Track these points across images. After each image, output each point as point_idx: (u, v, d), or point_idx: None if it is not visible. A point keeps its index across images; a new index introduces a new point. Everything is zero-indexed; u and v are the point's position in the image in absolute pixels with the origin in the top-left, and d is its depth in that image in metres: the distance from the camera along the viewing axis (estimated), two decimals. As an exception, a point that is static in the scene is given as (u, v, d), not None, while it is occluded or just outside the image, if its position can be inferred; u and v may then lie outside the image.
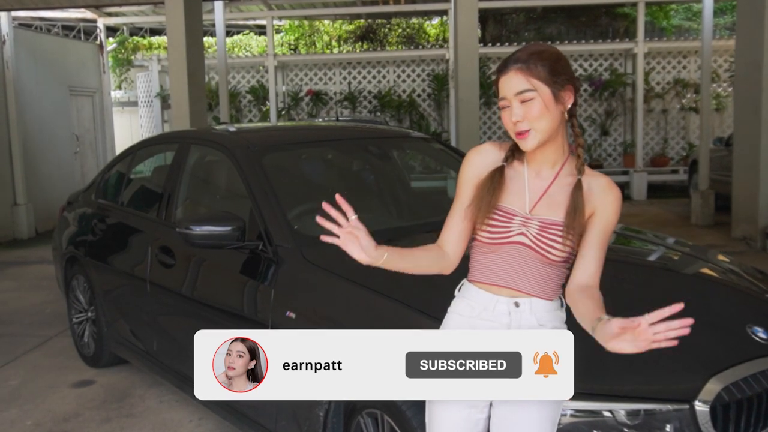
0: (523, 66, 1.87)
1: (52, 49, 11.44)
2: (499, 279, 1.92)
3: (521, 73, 1.87)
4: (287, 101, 14.10)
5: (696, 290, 3.04)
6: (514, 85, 1.87)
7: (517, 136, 1.89)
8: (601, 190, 1.91)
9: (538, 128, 1.86)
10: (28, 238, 10.17)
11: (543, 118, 1.86)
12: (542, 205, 1.92)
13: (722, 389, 2.20)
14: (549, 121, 1.87)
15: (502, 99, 1.91)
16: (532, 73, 1.86)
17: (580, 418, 2.12)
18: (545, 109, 1.86)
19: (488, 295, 1.93)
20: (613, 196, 1.92)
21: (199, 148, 4.19)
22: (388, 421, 2.46)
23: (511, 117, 1.88)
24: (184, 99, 8.08)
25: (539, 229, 1.89)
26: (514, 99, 1.87)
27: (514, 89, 1.87)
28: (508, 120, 1.90)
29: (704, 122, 10.16)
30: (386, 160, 4.35)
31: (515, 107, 1.87)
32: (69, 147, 11.55)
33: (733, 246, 8.05)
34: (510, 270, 1.91)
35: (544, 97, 1.86)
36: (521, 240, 1.89)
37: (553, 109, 1.87)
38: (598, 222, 1.90)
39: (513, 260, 1.90)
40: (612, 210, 1.91)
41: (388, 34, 16.30)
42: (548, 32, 15.31)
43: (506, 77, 1.89)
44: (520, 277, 1.90)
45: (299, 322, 2.89)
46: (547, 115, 1.86)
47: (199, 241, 3.20)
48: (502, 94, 1.90)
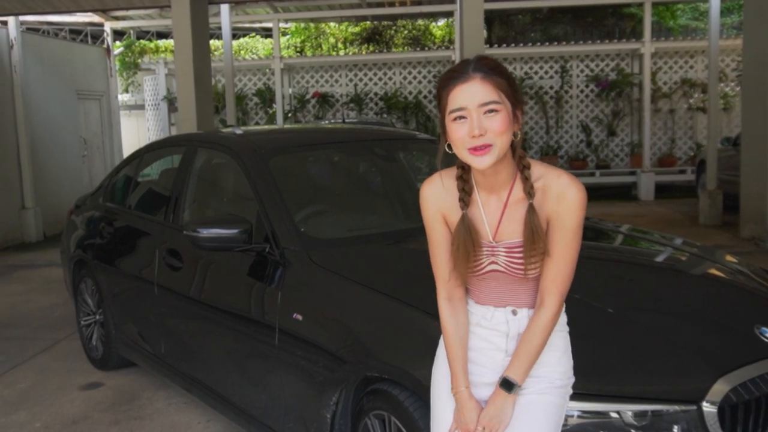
0: (487, 75, 1.74)
1: (60, 53, 11.49)
2: (490, 300, 1.91)
3: (487, 82, 1.74)
4: (293, 103, 14.12)
5: (704, 291, 3.04)
6: (478, 94, 1.72)
7: (472, 152, 1.74)
8: (558, 192, 1.79)
9: (499, 144, 1.73)
10: (37, 241, 10.21)
11: (505, 134, 1.74)
12: (503, 229, 1.84)
13: (730, 390, 2.19)
14: (508, 138, 1.75)
15: (458, 110, 1.75)
16: (497, 84, 1.74)
17: (587, 419, 2.12)
18: (507, 124, 1.74)
19: (485, 307, 1.93)
20: (570, 198, 1.78)
21: (206, 151, 4.21)
22: (395, 423, 2.46)
23: (471, 130, 1.72)
24: (191, 102, 8.10)
25: (506, 254, 1.83)
26: (477, 110, 1.72)
27: (478, 99, 1.72)
28: (463, 134, 1.73)
29: (712, 122, 10.13)
30: (393, 162, 4.35)
31: (476, 119, 1.72)
32: (76, 150, 11.59)
33: (742, 246, 8.02)
34: (497, 292, 1.90)
35: (507, 112, 1.75)
36: (495, 268, 1.86)
37: (511, 127, 1.76)
38: (556, 225, 1.80)
39: (497, 284, 1.89)
40: (571, 213, 1.78)
41: (394, 36, 16.32)
42: (554, 33, 15.30)
43: (467, 85, 1.73)
44: (509, 295, 1.89)
45: (306, 324, 2.89)
46: (507, 131, 1.74)
47: (207, 244, 3.22)
48: (459, 104, 1.74)
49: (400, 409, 2.43)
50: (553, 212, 1.80)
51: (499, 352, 1.91)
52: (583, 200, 1.80)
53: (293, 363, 2.91)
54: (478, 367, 1.93)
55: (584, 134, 13.43)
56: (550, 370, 1.90)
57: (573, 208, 1.79)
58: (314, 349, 2.82)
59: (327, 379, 2.73)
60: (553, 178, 1.81)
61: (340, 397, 2.72)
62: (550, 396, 1.89)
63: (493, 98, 1.73)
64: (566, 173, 1.83)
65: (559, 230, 1.80)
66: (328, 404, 2.74)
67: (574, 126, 13.53)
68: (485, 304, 1.92)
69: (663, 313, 2.65)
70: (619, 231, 3.88)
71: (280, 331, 2.96)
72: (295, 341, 2.91)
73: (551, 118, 13.48)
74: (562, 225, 1.79)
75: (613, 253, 3.56)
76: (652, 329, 2.46)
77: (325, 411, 2.75)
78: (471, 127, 1.72)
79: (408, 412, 2.38)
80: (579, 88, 13.47)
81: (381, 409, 2.53)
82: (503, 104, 1.74)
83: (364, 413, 2.61)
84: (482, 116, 1.73)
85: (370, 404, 2.59)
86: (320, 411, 2.76)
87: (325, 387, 2.74)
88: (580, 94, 13.48)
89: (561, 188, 1.80)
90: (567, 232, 1.80)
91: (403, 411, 2.41)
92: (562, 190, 1.79)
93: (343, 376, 2.68)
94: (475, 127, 1.72)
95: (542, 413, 1.87)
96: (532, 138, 13.45)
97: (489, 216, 1.85)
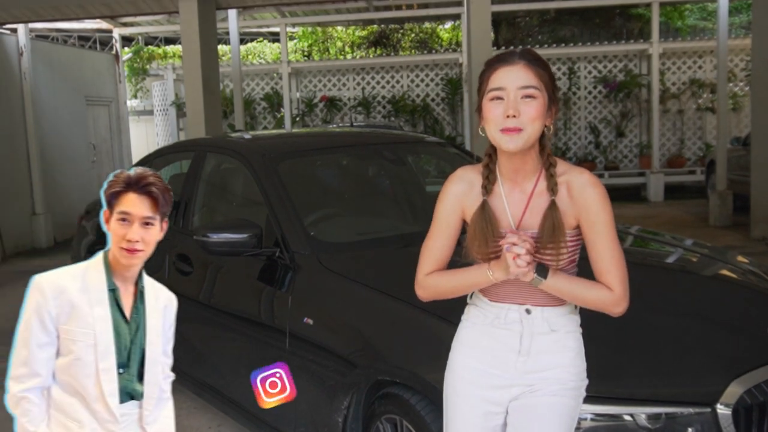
0: (530, 63, 1.81)
1: (69, 59, 11.55)
2: (506, 297, 1.91)
3: (531, 69, 1.80)
4: (301, 108, 14.14)
5: (716, 292, 3.02)
6: (520, 77, 1.79)
7: (504, 132, 1.79)
8: (582, 189, 1.84)
9: (530, 130, 1.78)
10: (47, 247, 10.25)
11: (537, 121, 1.79)
12: (527, 221, 1.86)
13: (744, 392, 2.18)
14: (539, 127, 1.80)
15: (496, 90, 1.80)
16: (538, 73, 1.81)
17: (601, 422, 2.11)
18: (542, 113, 1.80)
19: (499, 306, 1.92)
20: (595, 193, 1.83)
21: (215, 156, 4.22)
22: (407, 426, 2.45)
23: (507, 110, 1.78)
24: (200, 107, 8.13)
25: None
26: (515, 92, 1.79)
27: (519, 82, 1.79)
28: (498, 113, 1.79)
29: (721, 122, 10.08)
30: (401, 165, 4.35)
31: (513, 100, 1.78)
32: (86, 156, 11.64)
33: (753, 247, 7.97)
34: (514, 287, 1.90)
35: (543, 101, 1.80)
36: None
37: (543, 117, 1.81)
38: (588, 223, 1.84)
39: (514, 282, 1.88)
40: (597, 207, 1.83)
41: (401, 39, 16.31)
42: (562, 34, 15.27)
43: (511, 68, 1.81)
44: (525, 292, 1.89)
45: (317, 328, 2.89)
46: (540, 119, 1.80)
47: (217, 249, 3.22)
48: (499, 84, 1.80)
49: (411, 413, 2.42)
50: (582, 210, 1.84)
51: (512, 353, 1.90)
52: (607, 196, 1.86)
53: (304, 367, 2.91)
54: (489, 369, 1.92)
55: (593, 136, 13.39)
56: (563, 371, 1.89)
57: (600, 202, 1.84)
58: (325, 353, 2.82)
59: (338, 384, 2.73)
60: (576, 175, 1.86)
61: (351, 401, 2.71)
62: (563, 398, 1.88)
63: (532, 83, 1.79)
64: (587, 171, 1.88)
65: (593, 225, 1.84)
66: (339, 408, 2.73)
67: (583, 127, 13.50)
68: (500, 301, 1.91)
69: (675, 314, 2.64)
70: (629, 232, 3.86)
71: (291, 335, 2.96)
72: (306, 345, 2.91)
73: (559, 120, 13.43)
74: (595, 220, 1.84)
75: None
76: (664, 331, 2.45)
77: (336, 415, 2.75)
78: (506, 107, 1.78)
79: (420, 415, 2.38)
80: (587, 89, 13.43)
81: (392, 413, 2.53)
82: (541, 93, 1.80)
83: (376, 417, 2.61)
84: (519, 99, 1.79)
85: (381, 408, 2.58)
86: (332, 415, 2.76)
87: (337, 391, 2.74)
88: (588, 95, 13.44)
89: (583, 186, 1.84)
90: (602, 225, 1.84)
91: (415, 415, 2.40)
92: (585, 187, 1.84)
93: (354, 380, 2.67)
94: (510, 108, 1.78)
95: (555, 415, 1.87)
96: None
97: (512, 207, 1.88)
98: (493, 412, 1.93)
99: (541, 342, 1.89)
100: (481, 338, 1.95)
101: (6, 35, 10.00)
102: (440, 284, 1.95)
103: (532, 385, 1.89)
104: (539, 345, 1.89)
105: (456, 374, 1.98)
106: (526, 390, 1.90)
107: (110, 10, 9.80)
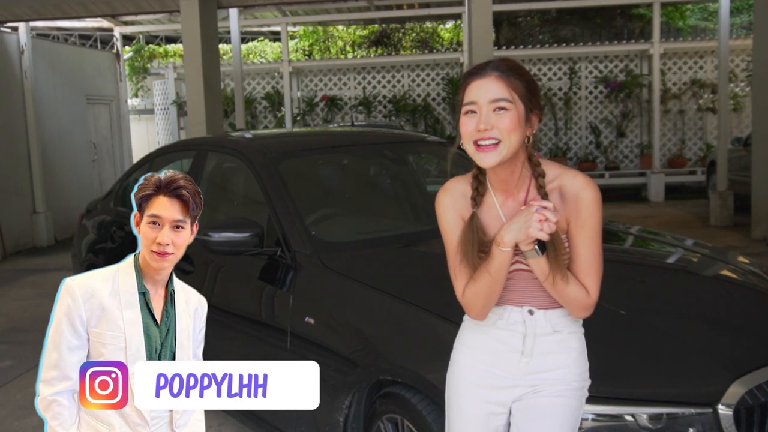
0: (503, 75, 1.79)
1: (70, 58, 11.55)
2: (509, 299, 1.91)
3: (501, 81, 1.78)
4: (302, 107, 14.14)
5: (716, 292, 3.02)
6: (491, 90, 1.78)
7: (478, 149, 1.78)
8: (575, 193, 1.82)
9: (507, 142, 1.76)
10: (48, 245, 10.25)
11: (514, 133, 1.76)
12: None
13: (746, 392, 2.18)
14: (518, 138, 1.78)
15: (469, 104, 1.80)
16: (511, 84, 1.78)
17: (602, 422, 2.11)
18: (517, 124, 1.77)
19: (501, 307, 1.92)
20: (588, 197, 1.82)
21: (216, 155, 4.21)
22: (409, 426, 2.46)
23: (478, 124, 1.77)
24: (200, 106, 8.13)
25: None
26: (487, 105, 1.77)
27: (490, 95, 1.77)
28: (471, 128, 1.78)
29: (722, 122, 10.08)
30: (402, 165, 4.35)
31: (485, 114, 1.77)
32: (87, 155, 11.64)
33: (753, 247, 7.97)
34: (517, 291, 1.89)
35: (518, 112, 1.78)
36: (519, 267, 1.86)
37: (522, 128, 1.79)
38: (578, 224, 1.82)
39: (518, 283, 1.88)
40: (588, 210, 1.81)
41: (402, 39, 16.32)
42: (563, 34, 15.26)
43: (482, 81, 1.79)
44: (529, 295, 1.89)
45: (318, 327, 2.89)
46: (517, 131, 1.77)
47: (218, 248, 3.22)
48: (472, 98, 1.79)
49: (413, 413, 2.42)
50: (572, 212, 1.82)
51: (515, 354, 1.90)
52: (600, 199, 1.83)
53: (305, 366, 2.91)
54: (492, 369, 1.92)
55: (593, 136, 13.39)
56: (566, 372, 1.89)
57: (591, 207, 1.82)
58: (326, 352, 2.82)
59: (339, 383, 2.73)
60: (569, 179, 1.84)
61: (352, 401, 2.71)
62: (566, 399, 1.88)
63: (503, 96, 1.77)
64: (581, 174, 1.86)
65: (581, 229, 1.82)
66: (340, 408, 2.74)
67: (583, 127, 13.49)
68: (503, 304, 1.91)
69: (676, 315, 2.64)
70: (630, 232, 3.86)
71: (292, 334, 2.96)
72: (307, 345, 2.91)
73: (560, 120, 13.44)
74: (584, 224, 1.82)
75: (624, 254, 3.54)
76: (665, 331, 2.45)
77: (337, 414, 2.75)
78: (478, 121, 1.77)
79: (421, 415, 2.38)
80: (588, 89, 13.43)
81: (394, 413, 2.53)
82: (514, 104, 1.77)
83: (377, 417, 2.61)
84: (491, 113, 1.77)
85: (382, 408, 2.58)
86: (333, 414, 2.76)
87: (338, 390, 2.74)
88: (589, 95, 13.44)
89: (577, 189, 1.82)
90: (590, 229, 1.82)
91: (417, 414, 2.40)
92: (578, 190, 1.82)
93: (355, 380, 2.68)
94: (482, 122, 1.76)
95: (559, 416, 1.87)
96: (541, 140, 13.39)
97: (509, 217, 1.85)
98: (496, 412, 1.93)
99: (544, 343, 1.89)
100: (483, 339, 1.94)
101: (7, 34, 10.01)
102: (476, 292, 1.88)
103: (535, 386, 1.89)
104: (543, 346, 1.89)
105: (458, 375, 1.98)
106: (529, 391, 1.90)
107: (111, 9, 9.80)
